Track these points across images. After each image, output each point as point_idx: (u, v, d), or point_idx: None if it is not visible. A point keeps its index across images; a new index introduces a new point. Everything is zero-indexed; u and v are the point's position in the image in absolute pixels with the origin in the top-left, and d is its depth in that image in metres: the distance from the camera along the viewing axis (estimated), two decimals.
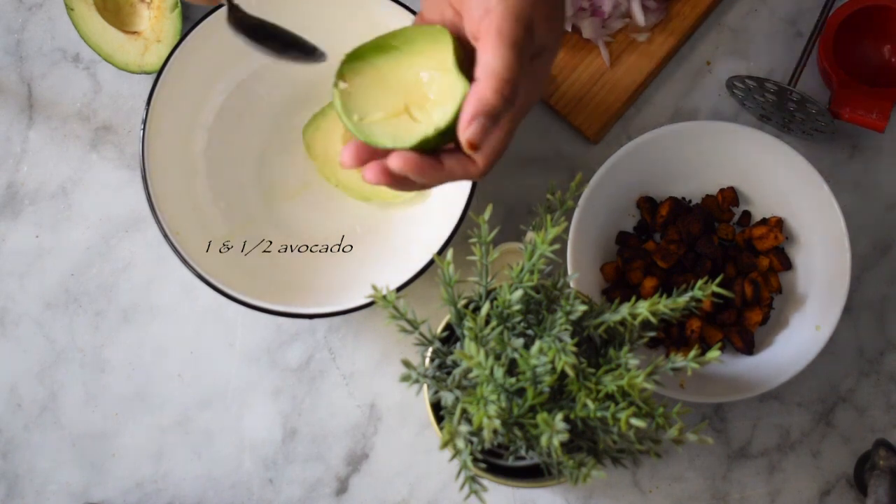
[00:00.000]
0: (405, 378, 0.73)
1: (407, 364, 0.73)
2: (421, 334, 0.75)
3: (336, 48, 0.74)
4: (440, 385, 0.73)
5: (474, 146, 0.66)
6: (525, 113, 0.71)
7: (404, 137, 0.69)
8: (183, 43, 0.89)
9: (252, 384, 0.96)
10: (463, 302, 0.76)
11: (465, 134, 0.66)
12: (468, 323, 0.70)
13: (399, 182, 0.69)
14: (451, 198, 0.91)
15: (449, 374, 0.75)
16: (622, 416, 0.67)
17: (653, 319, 0.71)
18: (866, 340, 0.95)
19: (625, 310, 0.72)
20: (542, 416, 0.67)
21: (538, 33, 0.68)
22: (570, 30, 0.97)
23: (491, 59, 0.66)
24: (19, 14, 1.01)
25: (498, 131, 0.69)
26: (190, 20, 0.99)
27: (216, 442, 0.95)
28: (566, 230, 0.90)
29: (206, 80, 0.93)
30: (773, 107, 0.94)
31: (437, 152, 0.70)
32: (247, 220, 0.95)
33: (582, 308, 0.71)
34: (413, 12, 0.88)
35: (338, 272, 0.93)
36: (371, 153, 0.70)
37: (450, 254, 0.73)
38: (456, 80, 0.69)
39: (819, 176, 0.90)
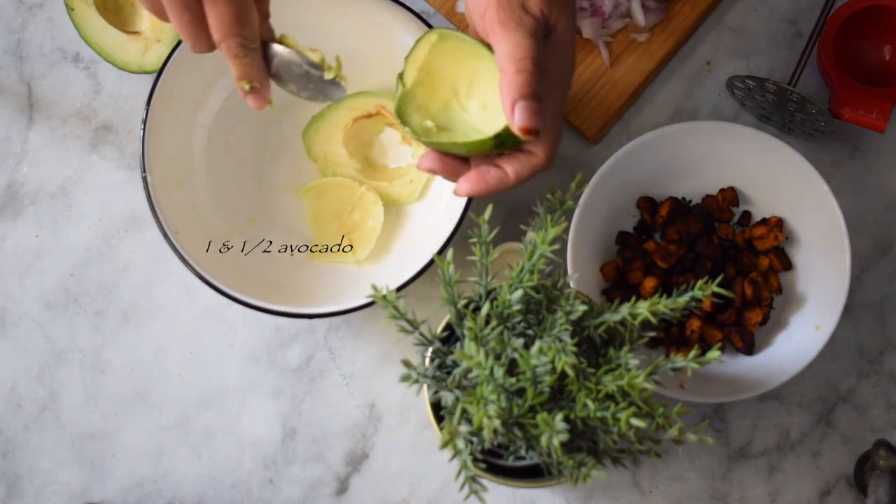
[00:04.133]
0: (405, 378, 0.73)
1: (407, 364, 0.73)
2: (421, 334, 0.75)
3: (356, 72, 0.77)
4: (440, 385, 0.73)
5: (529, 131, 0.67)
6: (563, 93, 0.72)
7: (465, 135, 0.71)
8: (183, 43, 0.89)
9: (252, 384, 0.96)
10: (463, 302, 0.76)
11: (516, 124, 0.67)
12: (468, 323, 0.70)
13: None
14: (451, 198, 0.91)
15: (449, 374, 0.75)
16: (622, 416, 0.67)
17: (653, 319, 0.71)
18: (866, 340, 0.95)
19: (625, 310, 0.72)
20: (542, 416, 0.67)
21: (543, 12, 0.69)
22: None
23: (503, 47, 0.68)
24: (19, 14, 1.01)
25: (545, 115, 0.70)
26: None
27: (216, 442, 0.95)
28: (566, 230, 0.90)
29: (206, 80, 0.93)
30: (773, 107, 0.94)
31: (493, 159, 0.71)
32: (247, 220, 0.95)
33: (582, 308, 0.71)
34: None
35: (338, 272, 0.93)
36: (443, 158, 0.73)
37: (450, 254, 0.73)
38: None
39: (819, 176, 0.90)
